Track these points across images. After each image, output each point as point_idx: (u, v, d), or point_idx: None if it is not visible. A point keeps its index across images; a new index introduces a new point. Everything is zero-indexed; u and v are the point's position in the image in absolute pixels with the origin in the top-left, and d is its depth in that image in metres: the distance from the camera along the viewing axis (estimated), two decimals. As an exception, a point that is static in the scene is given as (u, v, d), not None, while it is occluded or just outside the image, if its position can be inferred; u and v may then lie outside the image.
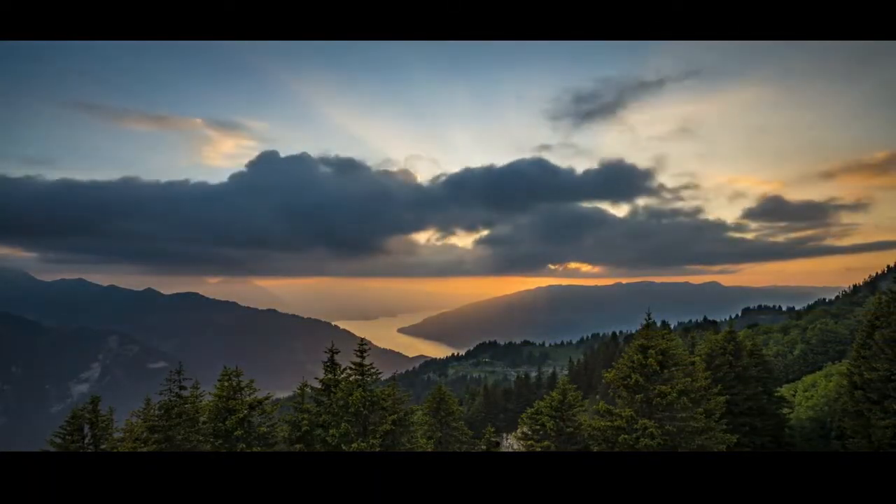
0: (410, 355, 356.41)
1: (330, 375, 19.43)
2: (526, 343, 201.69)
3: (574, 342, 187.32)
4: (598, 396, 46.82)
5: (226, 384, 17.43)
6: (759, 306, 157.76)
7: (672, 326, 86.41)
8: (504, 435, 55.03)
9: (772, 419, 25.61)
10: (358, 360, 18.82)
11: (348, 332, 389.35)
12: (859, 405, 20.61)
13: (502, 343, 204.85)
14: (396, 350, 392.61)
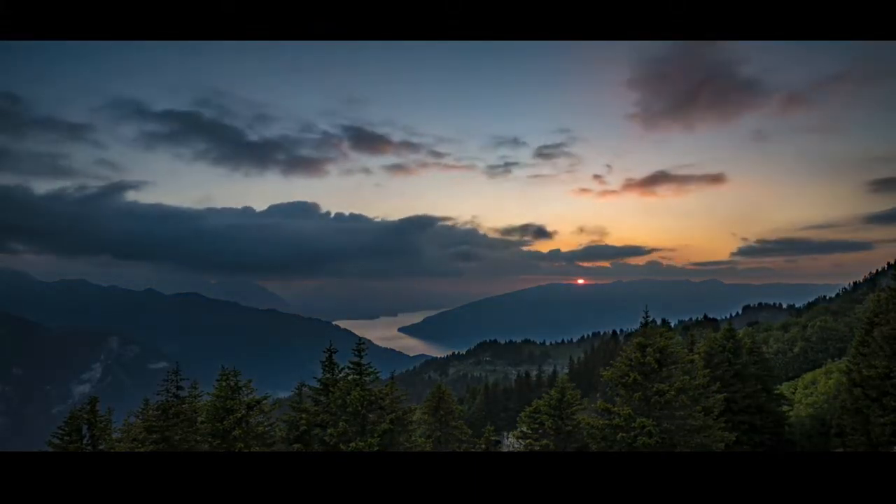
0: (411, 355, 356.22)
1: (328, 375, 19.47)
2: (526, 342, 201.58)
3: (574, 340, 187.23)
4: (598, 395, 46.90)
5: (224, 384, 17.43)
6: (760, 304, 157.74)
7: (672, 324, 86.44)
8: (504, 434, 55.11)
9: (771, 417, 25.64)
10: (356, 359, 18.88)
11: (349, 331, 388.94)
12: (858, 402, 20.67)
13: (503, 342, 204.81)
14: (397, 350, 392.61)
